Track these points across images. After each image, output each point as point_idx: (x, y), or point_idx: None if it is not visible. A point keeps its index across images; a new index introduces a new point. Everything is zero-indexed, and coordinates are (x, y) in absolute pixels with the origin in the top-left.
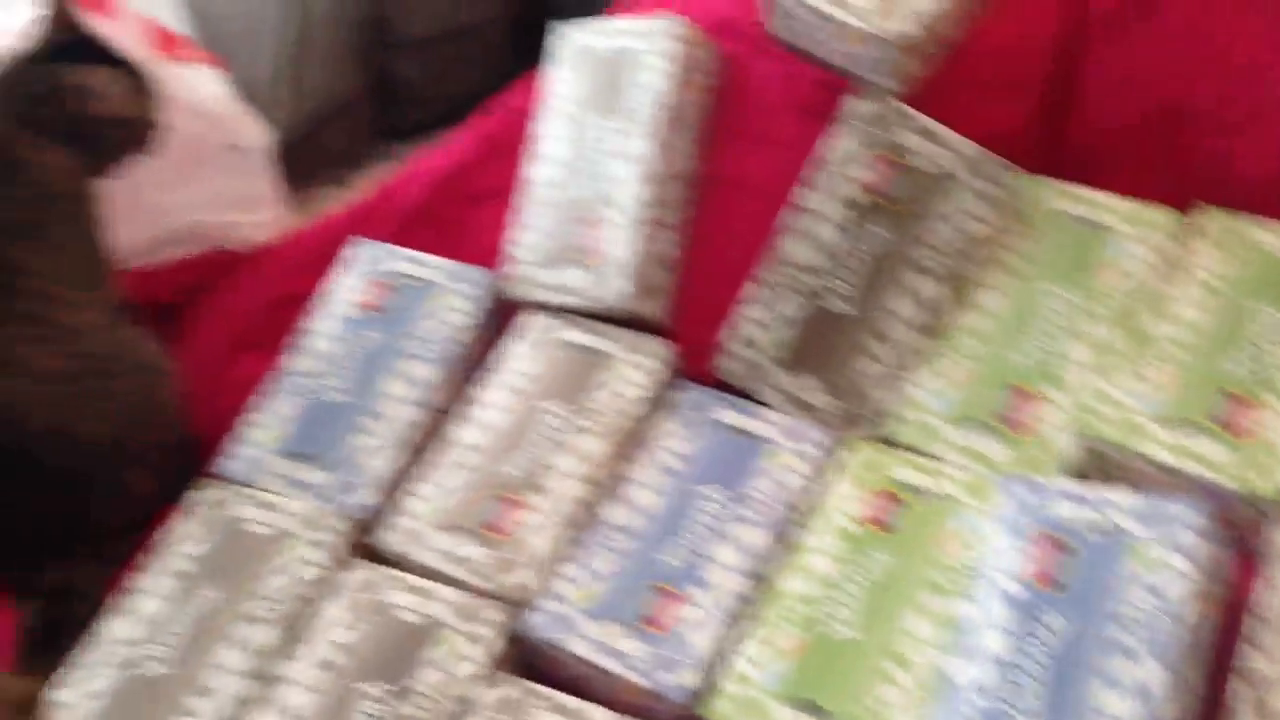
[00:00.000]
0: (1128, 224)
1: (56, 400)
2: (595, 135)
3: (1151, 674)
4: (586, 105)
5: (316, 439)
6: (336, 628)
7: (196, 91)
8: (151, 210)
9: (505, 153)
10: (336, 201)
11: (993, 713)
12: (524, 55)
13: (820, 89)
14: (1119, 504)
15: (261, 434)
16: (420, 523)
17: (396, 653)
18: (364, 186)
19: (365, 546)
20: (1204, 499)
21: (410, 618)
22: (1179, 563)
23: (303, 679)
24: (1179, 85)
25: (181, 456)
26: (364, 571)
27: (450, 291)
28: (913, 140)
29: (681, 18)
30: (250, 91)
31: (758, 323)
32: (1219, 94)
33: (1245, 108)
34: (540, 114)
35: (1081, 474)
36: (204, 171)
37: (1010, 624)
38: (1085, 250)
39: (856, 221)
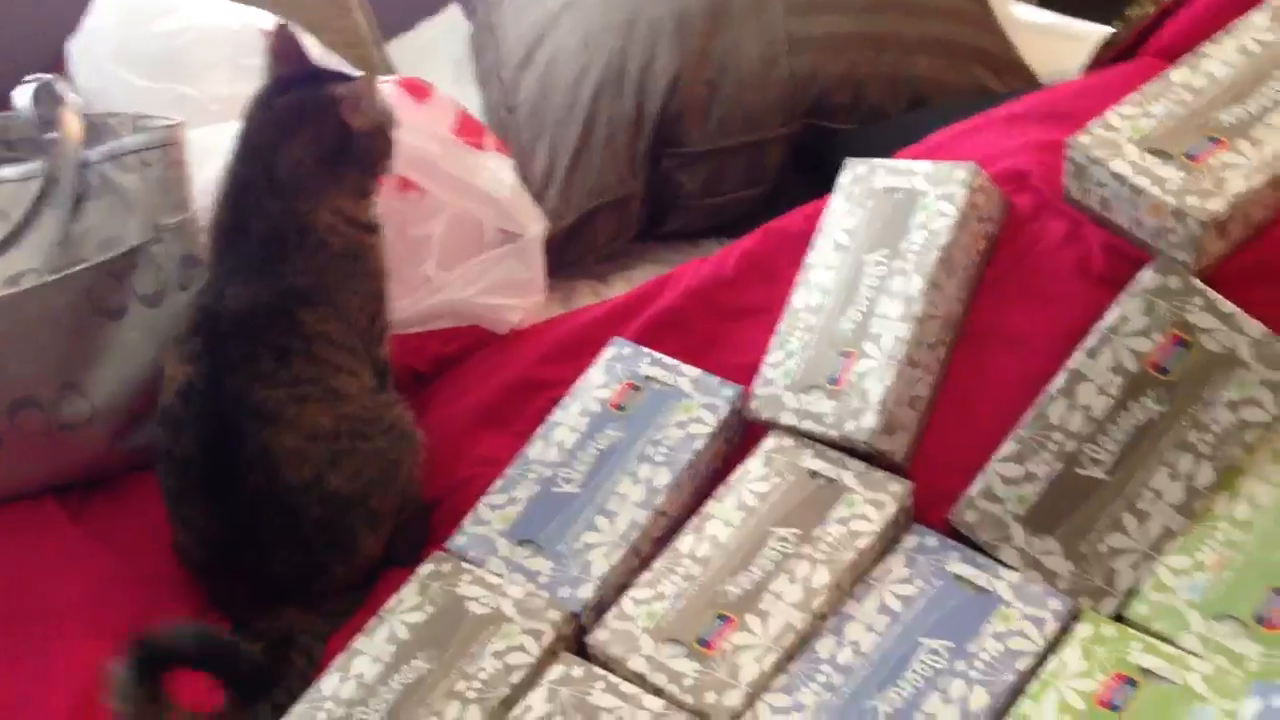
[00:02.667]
0: None
1: (318, 456)
2: (867, 270)
3: None
4: (864, 239)
5: (544, 528)
6: None
7: (488, 177)
8: (428, 284)
9: (767, 274)
10: (593, 295)
11: None
12: (796, 176)
13: (1108, 254)
14: None
15: (493, 515)
16: (635, 628)
17: None
18: (622, 284)
19: (578, 641)
20: None
21: None
22: None
23: None
24: None
25: (412, 524)
26: (572, 667)
27: (695, 401)
28: (1203, 319)
29: (973, 164)
30: (524, 179)
31: (1004, 478)
32: None
33: None
34: (814, 241)
35: None
36: (482, 253)
37: None
38: None
39: (1129, 391)
